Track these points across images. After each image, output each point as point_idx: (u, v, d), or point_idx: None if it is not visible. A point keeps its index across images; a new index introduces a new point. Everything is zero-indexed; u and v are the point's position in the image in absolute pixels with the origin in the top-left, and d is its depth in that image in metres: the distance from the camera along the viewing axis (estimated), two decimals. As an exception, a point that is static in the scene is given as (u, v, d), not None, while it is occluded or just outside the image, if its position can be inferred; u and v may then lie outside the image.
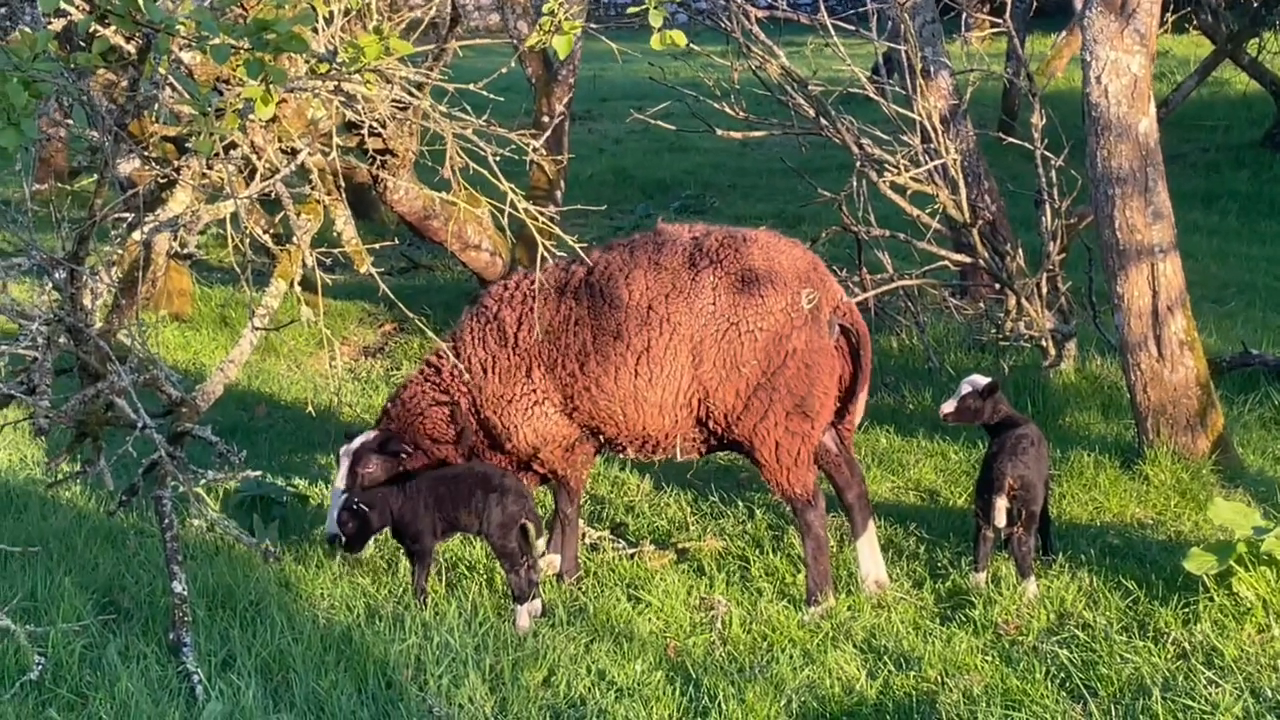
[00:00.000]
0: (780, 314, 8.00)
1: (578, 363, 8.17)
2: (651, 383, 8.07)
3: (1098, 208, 10.03)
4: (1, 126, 5.47)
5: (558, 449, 8.44)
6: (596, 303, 8.16)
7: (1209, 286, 14.64)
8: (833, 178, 15.18)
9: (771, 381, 8.00)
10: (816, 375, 8.06)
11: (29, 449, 10.61)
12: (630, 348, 8.06)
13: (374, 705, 6.86)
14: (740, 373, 8.00)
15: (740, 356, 7.99)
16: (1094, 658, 7.25)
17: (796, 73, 11.99)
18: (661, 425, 8.20)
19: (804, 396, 8.04)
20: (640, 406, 8.13)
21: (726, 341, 7.99)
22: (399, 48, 6.81)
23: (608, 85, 27.20)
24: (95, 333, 7.05)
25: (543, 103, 14.79)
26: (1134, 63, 9.71)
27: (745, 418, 8.07)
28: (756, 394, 8.02)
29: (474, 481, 8.06)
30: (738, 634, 7.78)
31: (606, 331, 8.11)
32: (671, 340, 8.03)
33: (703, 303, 8.02)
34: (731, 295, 8.00)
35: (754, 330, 7.98)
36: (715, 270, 8.06)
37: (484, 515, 7.88)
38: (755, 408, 8.04)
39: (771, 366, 7.99)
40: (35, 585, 7.84)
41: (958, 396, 8.52)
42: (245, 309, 14.39)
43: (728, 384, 8.02)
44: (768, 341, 7.98)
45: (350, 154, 9.54)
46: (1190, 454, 9.87)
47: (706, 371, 8.02)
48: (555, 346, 8.22)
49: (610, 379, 8.11)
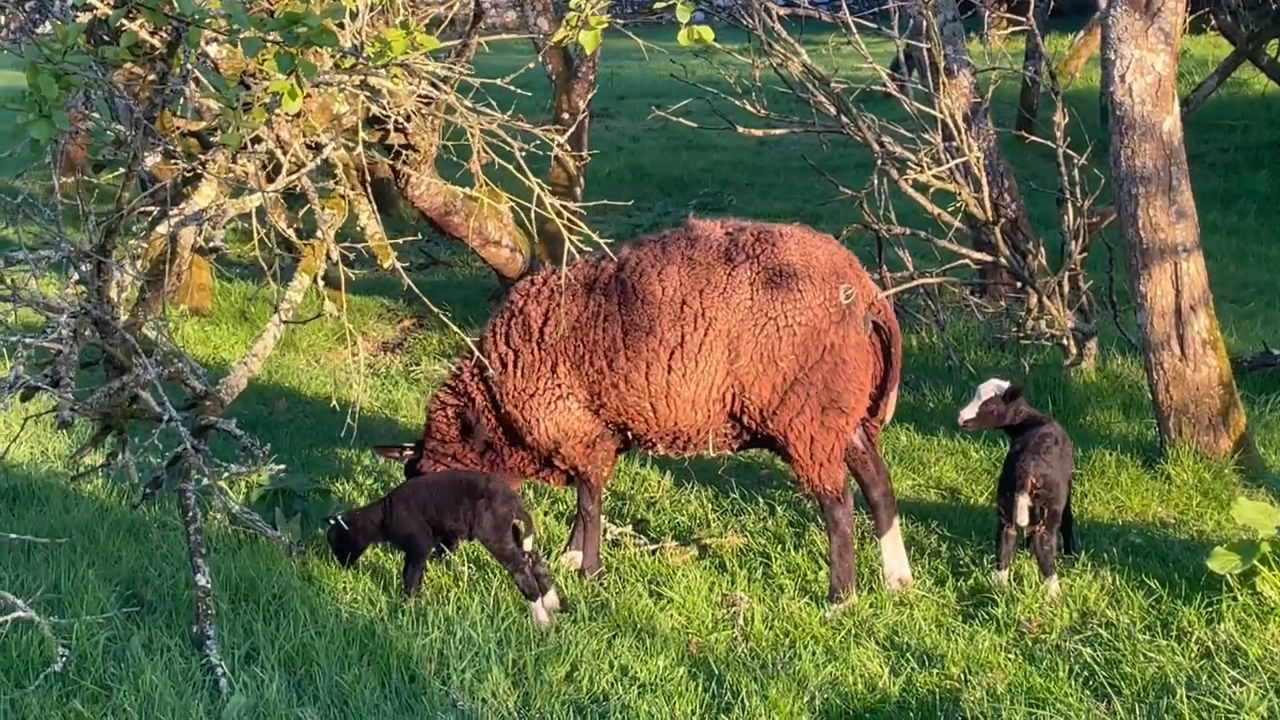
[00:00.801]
0: (818, 309, 7.98)
1: (606, 359, 8.18)
2: (685, 378, 8.07)
3: (1121, 206, 10.01)
4: (33, 118, 5.50)
5: (579, 444, 8.47)
6: (628, 298, 8.16)
7: (1228, 286, 14.62)
8: (851, 176, 15.19)
9: (808, 377, 7.99)
10: (852, 371, 8.04)
11: (51, 442, 10.63)
12: (663, 343, 8.06)
13: (397, 699, 6.87)
14: (777, 367, 7.99)
15: (778, 351, 7.97)
16: (1117, 656, 7.24)
17: (818, 70, 11.98)
18: (694, 421, 8.20)
19: (840, 392, 8.03)
20: (672, 402, 8.13)
21: (764, 336, 7.98)
22: (425, 42, 6.82)
23: (625, 83, 27.20)
24: (121, 325, 7.06)
25: (563, 99, 14.80)
26: (1158, 61, 9.69)
27: (781, 413, 8.05)
28: (793, 389, 8.01)
29: (460, 489, 8.07)
30: (760, 630, 7.78)
31: (638, 327, 8.11)
32: (707, 335, 8.03)
33: (740, 298, 8.01)
34: (769, 290, 7.99)
35: (792, 325, 7.97)
36: (752, 265, 8.04)
37: (475, 521, 7.89)
38: (791, 403, 8.03)
39: (809, 361, 7.98)
40: (59, 577, 7.85)
41: (978, 402, 8.48)
42: (265, 304, 14.45)
43: (764, 378, 8.01)
44: (805, 336, 7.97)
45: (372, 149, 9.55)
46: (1212, 453, 9.85)
47: (743, 366, 8.01)
48: (582, 342, 8.22)
49: (641, 374, 8.12)
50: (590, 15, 6.94)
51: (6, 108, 5.82)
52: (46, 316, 6.91)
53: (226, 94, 6.53)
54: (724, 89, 12.67)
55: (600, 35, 6.98)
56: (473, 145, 8.07)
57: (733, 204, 19.52)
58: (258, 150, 7.97)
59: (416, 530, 8.02)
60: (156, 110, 6.99)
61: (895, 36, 12.06)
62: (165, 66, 6.81)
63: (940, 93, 11.70)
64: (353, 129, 8.48)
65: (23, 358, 6.96)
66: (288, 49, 5.55)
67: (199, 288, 15.06)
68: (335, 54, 7.21)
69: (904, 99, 11.94)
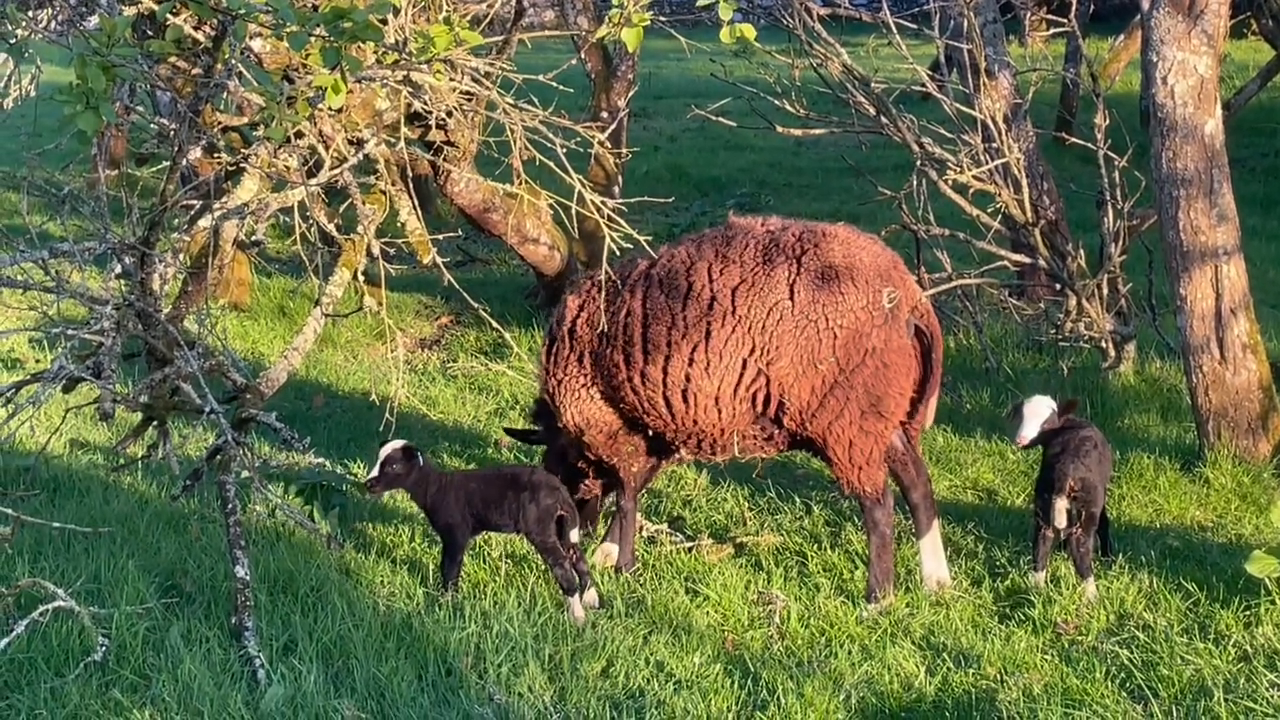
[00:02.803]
0: (860, 311, 7.93)
1: (624, 353, 8.23)
2: (708, 372, 8.06)
3: (1162, 209, 9.98)
4: (81, 110, 5.54)
5: (599, 434, 8.53)
6: (654, 293, 8.19)
7: (1268, 291, 14.53)
8: (889, 177, 15.17)
9: (849, 380, 7.96)
10: (893, 375, 8.00)
11: (90, 433, 10.70)
12: (686, 337, 8.06)
13: (434, 692, 6.90)
14: (817, 370, 7.95)
15: (818, 353, 7.95)
16: (1154, 658, 7.22)
17: (858, 70, 11.98)
18: (715, 420, 8.18)
19: (880, 396, 7.99)
20: (691, 398, 8.12)
21: (805, 338, 7.94)
22: (468, 38, 6.85)
23: (663, 83, 27.21)
24: (164, 318, 7.11)
25: (601, 98, 14.82)
26: (1201, 64, 9.66)
27: (820, 415, 8.02)
28: (833, 392, 7.98)
29: (504, 482, 8.09)
30: (796, 629, 7.78)
31: (661, 321, 8.13)
32: (734, 333, 8.01)
33: (777, 297, 7.98)
34: (810, 291, 7.94)
35: (833, 328, 7.93)
36: (791, 265, 8.00)
37: (519, 514, 7.90)
38: (831, 406, 8.00)
39: (850, 365, 7.94)
40: (99, 568, 7.91)
41: (1037, 421, 8.35)
42: (304, 299, 14.51)
43: (804, 380, 7.97)
44: (847, 339, 7.93)
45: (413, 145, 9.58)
46: (1251, 457, 9.82)
47: (783, 368, 7.97)
48: (606, 336, 8.30)
49: (658, 368, 8.14)
50: (633, 13, 6.96)
51: (55, 99, 5.88)
52: (90, 308, 6.97)
53: (270, 88, 6.56)
54: (763, 88, 12.68)
55: (642, 33, 7.00)
56: (513, 142, 8.09)
57: (770, 204, 19.50)
58: (300, 145, 8.01)
59: (457, 522, 8.03)
60: (201, 104, 7.03)
61: (936, 37, 12.04)
62: (210, 60, 6.85)
63: (980, 93, 11.69)
64: (394, 125, 8.52)
65: (66, 349, 7.03)
66: (333, 43, 5.58)
67: (238, 283, 15.13)
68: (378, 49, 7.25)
69: (944, 100, 11.92)
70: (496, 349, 13.51)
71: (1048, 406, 8.39)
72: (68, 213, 7.04)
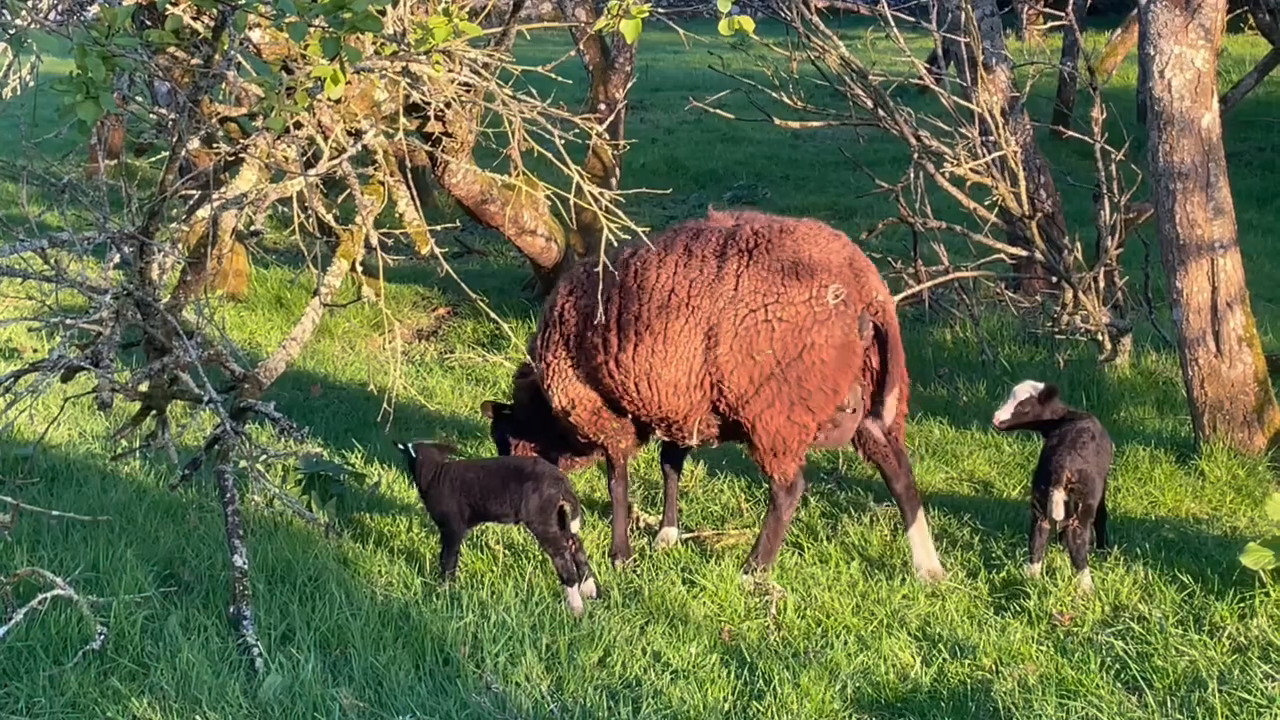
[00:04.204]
0: (801, 306, 8.04)
1: (601, 339, 8.39)
2: (666, 362, 8.19)
3: (1158, 202, 10.00)
4: (81, 99, 5.56)
5: (585, 413, 8.67)
6: (627, 283, 8.34)
7: (1264, 285, 14.54)
8: (885, 170, 15.19)
9: (784, 372, 8.07)
10: (830, 371, 8.10)
11: (88, 423, 10.72)
12: (649, 328, 8.21)
13: (431, 681, 6.92)
14: (754, 360, 8.07)
15: (755, 344, 8.06)
16: (1149, 650, 7.24)
17: (856, 63, 12.00)
18: (678, 406, 8.33)
19: (812, 391, 8.11)
20: (655, 384, 8.27)
21: (744, 328, 8.06)
22: (467, 29, 6.87)
23: (660, 75, 27.22)
24: (163, 307, 7.13)
25: (599, 90, 14.82)
26: (1198, 57, 9.68)
27: (753, 403, 8.16)
28: (768, 382, 8.10)
29: (505, 472, 8.12)
30: (792, 619, 7.81)
31: (630, 311, 8.29)
32: (687, 324, 8.15)
33: (725, 289, 8.10)
34: (754, 284, 8.08)
35: (772, 320, 8.04)
36: (742, 259, 8.14)
37: (521, 504, 7.91)
38: (764, 395, 8.13)
39: (786, 358, 8.05)
40: (97, 557, 7.94)
41: (1013, 403, 8.48)
42: (302, 290, 14.52)
43: (742, 369, 8.11)
44: (785, 332, 8.04)
45: (411, 136, 9.59)
46: (1247, 450, 9.85)
47: (722, 355, 8.11)
48: (588, 323, 8.45)
49: (628, 356, 8.28)
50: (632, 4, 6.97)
51: (53, 89, 5.89)
52: (89, 298, 6.98)
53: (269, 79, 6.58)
54: (761, 81, 12.69)
55: (641, 25, 7.01)
56: (511, 134, 8.10)
57: (767, 197, 19.51)
58: (298, 136, 8.03)
59: (452, 511, 8.05)
60: (201, 94, 7.05)
61: (933, 30, 12.06)
62: (209, 51, 6.86)
63: (978, 87, 11.71)
64: (392, 116, 8.53)
65: (65, 338, 7.04)
66: (333, 34, 5.60)
67: (235, 273, 15.14)
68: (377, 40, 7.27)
69: (941, 93, 11.94)
70: (494, 340, 13.53)
71: (1029, 390, 8.47)
72: (66, 202, 7.04)
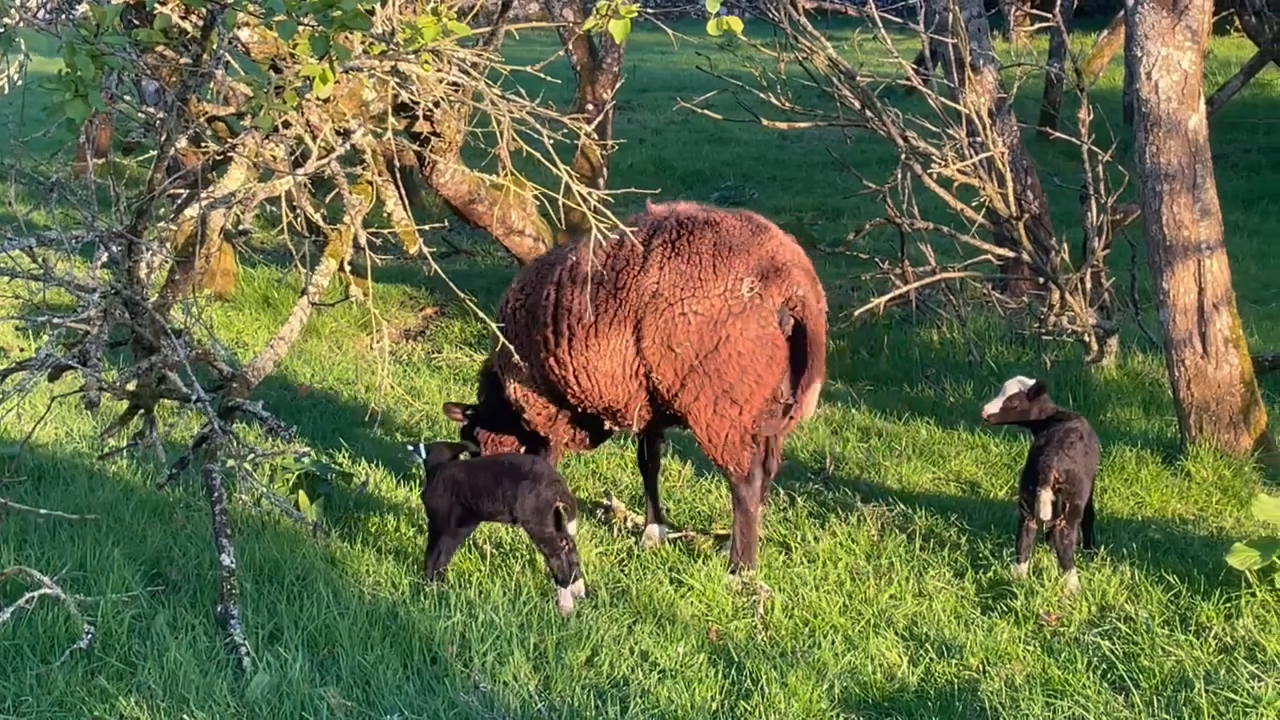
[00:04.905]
0: (717, 299, 8.11)
1: (543, 333, 8.51)
2: (600, 354, 8.31)
3: (1145, 204, 10.02)
4: (69, 98, 5.55)
5: (539, 414, 8.90)
6: (568, 281, 8.45)
7: (1250, 287, 14.59)
8: (873, 171, 15.22)
9: (704, 365, 8.14)
10: (748, 364, 8.14)
11: (75, 422, 10.70)
12: (581, 321, 8.31)
13: (419, 680, 6.92)
14: (675, 353, 8.16)
15: (674, 337, 8.14)
16: (1136, 650, 7.26)
17: (844, 64, 12.01)
18: (617, 396, 8.44)
19: (733, 383, 8.16)
20: (593, 376, 8.38)
21: (664, 321, 8.14)
22: (456, 28, 6.87)
23: (647, 76, 27.24)
24: (151, 306, 7.12)
25: (587, 90, 14.84)
26: (1185, 59, 9.71)
27: (682, 396, 8.25)
28: (691, 375, 8.19)
29: (501, 471, 8.11)
30: (779, 619, 7.81)
31: (564, 305, 8.40)
32: (616, 315, 8.24)
33: (648, 282, 8.18)
34: (674, 277, 8.16)
35: (688, 313, 8.12)
36: (664, 250, 8.23)
37: (516, 504, 7.91)
38: (690, 388, 8.22)
39: (703, 350, 8.12)
40: (84, 556, 7.93)
41: (1002, 397, 8.52)
42: (289, 290, 14.51)
43: (665, 362, 8.20)
44: (701, 325, 8.10)
45: (399, 136, 9.59)
46: (1232, 451, 9.87)
47: (647, 348, 8.21)
48: (533, 317, 8.60)
49: (564, 349, 8.40)
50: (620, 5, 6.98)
51: (41, 88, 5.88)
52: (77, 296, 6.97)
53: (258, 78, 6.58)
54: (748, 82, 12.70)
55: (629, 25, 7.02)
56: (499, 133, 8.10)
57: (754, 198, 19.53)
58: (287, 135, 8.02)
59: (441, 510, 8.06)
60: (189, 93, 7.04)
61: (921, 31, 12.08)
62: (198, 50, 6.85)
63: (965, 88, 11.73)
64: (381, 115, 8.53)
65: (52, 337, 7.03)
66: (322, 32, 5.60)
67: (223, 273, 15.12)
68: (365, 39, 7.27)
69: (929, 94, 11.97)
70: (481, 340, 13.52)
71: (1017, 384, 8.51)
72: (54, 201, 7.03)
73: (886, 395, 11.97)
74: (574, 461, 10.11)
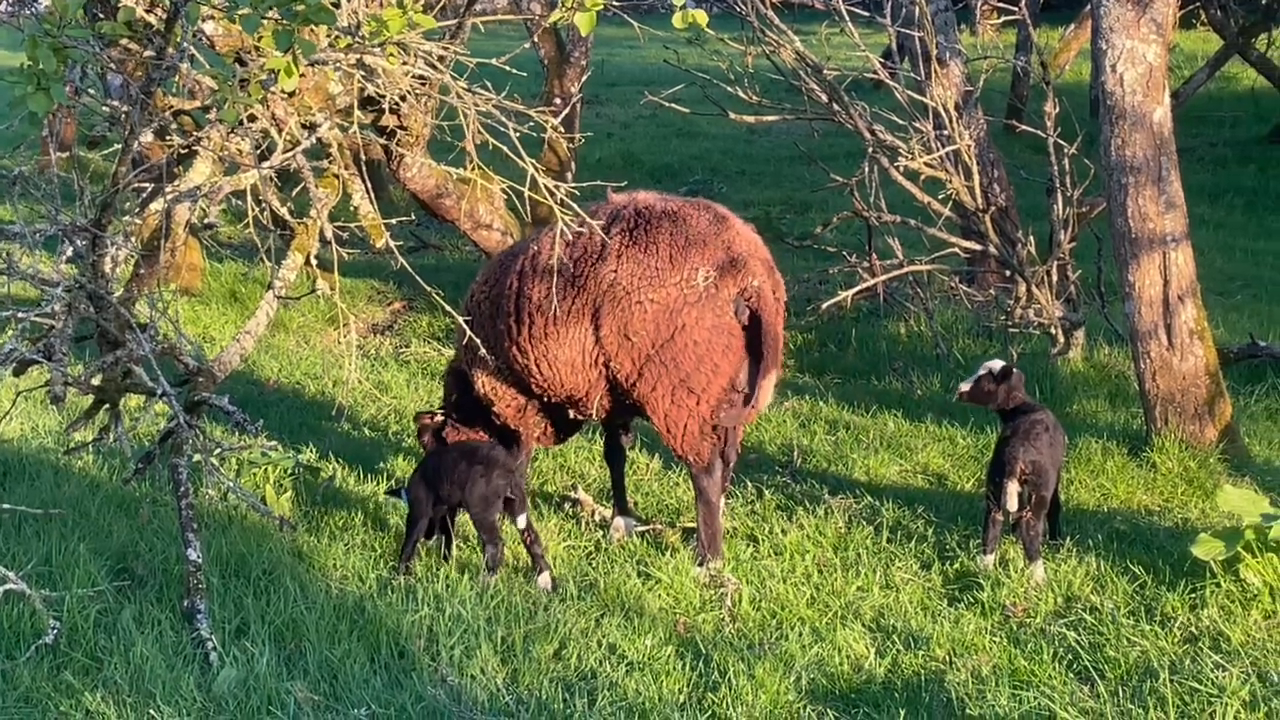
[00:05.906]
0: (672, 288, 8.12)
1: (505, 323, 8.49)
2: (558, 342, 8.30)
3: (1110, 196, 10.06)
4: (32, 91, 5.53)
5: (506, 403, 8.85)
6: (525, 268, 8.47)
7: (1215, 280, 14.69)
8: (841, 165, 15.26)
9: (660, 354, 8.16)
10: (705, 353, 8.16)
11: (41, 418, 10.65)
12: (540, 309, 8.31)
13: (386, 674, 6.91)
14: (631, 342, 8.18)
15: (630, 326, 8.15)
16: (1101, 640, 7.29)
17: (811, 58, 12.03)
18: (578, 384, 8.43)
19: (690, 372, 8.18)
20: (553, 364, 8.37)
21: (620, 310, 8.16)
22: (422, 21, 6.85)
23: (616, 70, 27.23)
24: (116, 300, 7.09)
25: (555, 83, 14.83)
26: (1150, 52, 9.75)
27: (639, 385, 8.27)
28: (648, 364, 8.20)
29: (459, 455, 8.20)
30: (747, 611, 7.83)
31: (526, 294, 8.40)
32: (574, 304, 8.24)
33: (605, 271, 8.20)
34: (630, 266, 8.18)
35: (644, 302, 8.14)
36: (622, 239, 8.25)
37: (466, 487, 7.93)
38: (647, 377, 8.24)
39: (659, 340, 8.14)
40: (50, 551, 7.89)
41: (974, 378, 8.58)
42: (256, 284, 14.47)
43: (623, 351, 8.22)
44: (657, 314, 8.12)
45: (366, 130, 9.57)
46: (1198, 442, 9.92)
47: (605, 337, 8.22)
48: (496, 307, 8.60)
49: (524, 337, 8.38)
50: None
51: (5, 80, 5.86)
52: (41, 290, 6.93)
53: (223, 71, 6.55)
54: (716, 75, 12.72)
55: (595, 17, 7.01)
56: (466, 127, 8.08)
57: (723, 191, 19.56)
58: (252, 129, 7.99)
59: (417, 497, 8.11)
60: (154, 87, 7.01)
61: (888, 25, 12.11)
62: (162, 43, 6.82)
63: (932, 81, 11.76)
64: (347, 109, 8.50)
65: (17, 332, 6.99)
66: (286, 26, 5.58)
67: (189, 267, 15.08)
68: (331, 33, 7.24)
69: (895, 87, 12.00)
70: (449, 334, 13.51)
71: (988, 367, 8.54)
72: (18, 195, 7.00)
73: (854, 388, 12.01)
74: (541, 455, 10.10)
